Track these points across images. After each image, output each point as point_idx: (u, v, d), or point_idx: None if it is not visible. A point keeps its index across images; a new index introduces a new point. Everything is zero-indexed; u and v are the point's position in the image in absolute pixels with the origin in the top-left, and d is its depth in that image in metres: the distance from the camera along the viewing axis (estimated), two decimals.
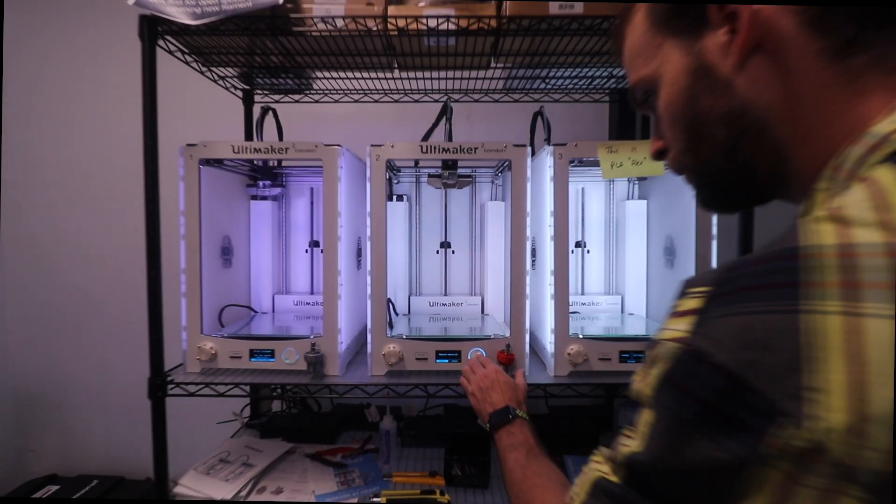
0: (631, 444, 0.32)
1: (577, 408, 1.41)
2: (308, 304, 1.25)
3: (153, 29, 0.88)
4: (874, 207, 0.25)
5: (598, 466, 0.35)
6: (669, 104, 0.37)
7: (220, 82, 1.21)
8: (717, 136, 0.35)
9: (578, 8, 0.87)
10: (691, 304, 0.28)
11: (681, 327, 0.28)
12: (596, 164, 0.92)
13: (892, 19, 0.29)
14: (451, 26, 0.88)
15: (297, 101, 1.35)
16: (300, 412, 1.40)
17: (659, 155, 0.40)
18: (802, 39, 0.31)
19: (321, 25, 0.89)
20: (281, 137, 1.24)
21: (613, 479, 0.33)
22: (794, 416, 0.23)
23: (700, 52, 0.35)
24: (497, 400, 0.73)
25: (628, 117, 1.43)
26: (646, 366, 0.30)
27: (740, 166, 0.36)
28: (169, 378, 0.91)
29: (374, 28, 0.90)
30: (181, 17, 0.83)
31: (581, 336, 0.92)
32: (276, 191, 1.21)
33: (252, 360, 0.93)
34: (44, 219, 1.67)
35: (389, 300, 1.06)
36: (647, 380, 0.30)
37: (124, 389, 1.70)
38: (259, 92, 1.34)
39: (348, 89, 1.28)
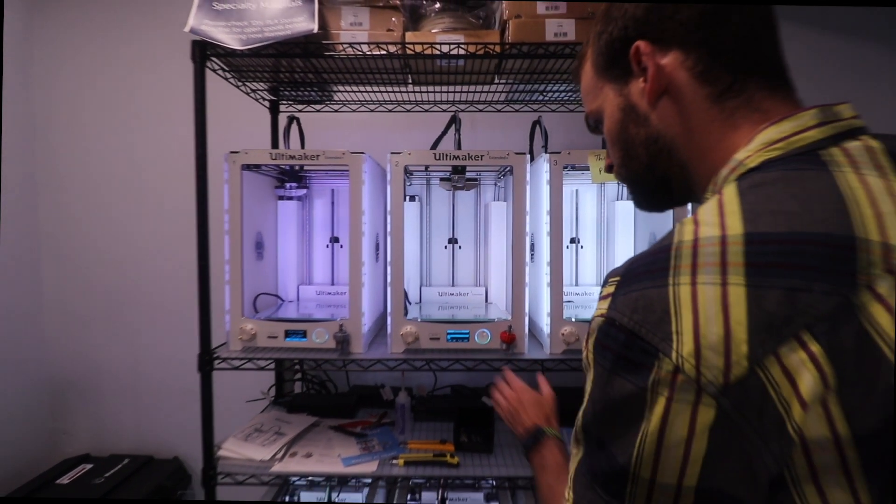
0: (581, 410, 0.41)
1: (573, 389, 1.54)
2: (329, 293, 1.39)
3: (203, 52, 1.02)
4: (717, 213, 0.36)
5: (573, 458, 0.42)
6: (609, 131, 0.50)
7: (251, 94, 1.35)
8: (641, 156, 0.48)
9: (571, 35, 1.01)
10: (609, 290, 0.39)
11: (603, 306, 0.38)
12: (587, 168, 1.06)
13: (759, 70, 0.42)
14: (461, 50, 1.02)
15: (318, 111, 1.48)
16: (320, 392, 1.54)
17: (609, 168, 0.54)
18: (693, 87, 0.43)
19: (348, 49, 1.03)
20: (303, 144, 1.38)
21: (579, 455, 0.41)
22: (667, 352, 0.33)
23: (627, 94, 0.47)
24: (525, 420, 0.76)
25: None
26: (586, 339, 0.40)
27: (658, 178, 0.48)
28: (216, 354, 1.05)
29: (394, 51, 1.04)
30: (231, 42, 0.97)
31: (574, 320, 1.06)
32: (301, 192, 1.35)
33: (287, 339, 1.07)
34: (80, 217, 1.80)
35: (405, 292, 1.20)
36: (586, 346, 0.40)
37: (152, 375, 1.83)
38: (284, 102, 1.48)
39: (365, 101, 1.42)
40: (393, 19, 1.04)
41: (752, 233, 0.33)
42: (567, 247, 1.38)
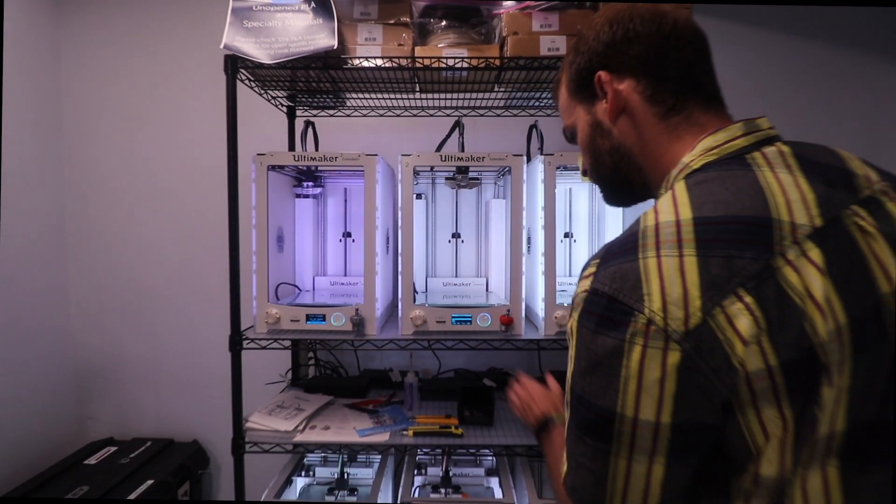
0: (568, 374, 0.49)
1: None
2: (342, 284, 1.51)
3: (234, 65, 1.14)
4: (671, 204, 0.46)
5: (567, 423, 0.51)
6: (581, 143, 0.63)
7: (271, 101, 1.47)
8: (607, 162, 0.60)
9: (562, 49, 1.13)
10: (590, 270, 0.48)
11: (586, 284, 0.47)
12: (578, 169, 1.18)
13: (696, 92, 0.54)
14: (465, 63, 1.15)
15: (331, 115, 1.61)
16: (333, 375, 1.66)
17: (584, 173, 0.66)
18: (644, 107, 0.55)
19: (363, 62, 1.16)
20: (317, 146, 1.50)
21: (569, 416, 0.49)
22: (640, 310, 0.42)
23: (594, 112, 0.59)
24: (536, 410, 0.82)
25: None
26: (570, 312, 0.49)
27: (622, 179, 0.60)
28: (244, 336, 1.17)
29: (404, 64, 1.16)
30: (261, 57, 1.09)
31: (566, 305, 1.18)
32: (317, 190, 1.48)
33: (308, 322, 1.19)
34: (103, 217, 1.91)
35: (412, 285, 1.32)
36: (571, 318, 0.49)
37: (173, 363, 1.95)
38: (300, 108, 1.60)
39: (375, 106, 1.54)
40: (403, 35, 1.17)
41: (699, 217, 0.44)
42: (561, 241, 1.50)
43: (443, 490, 1.28)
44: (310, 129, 1.43)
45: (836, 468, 0.40)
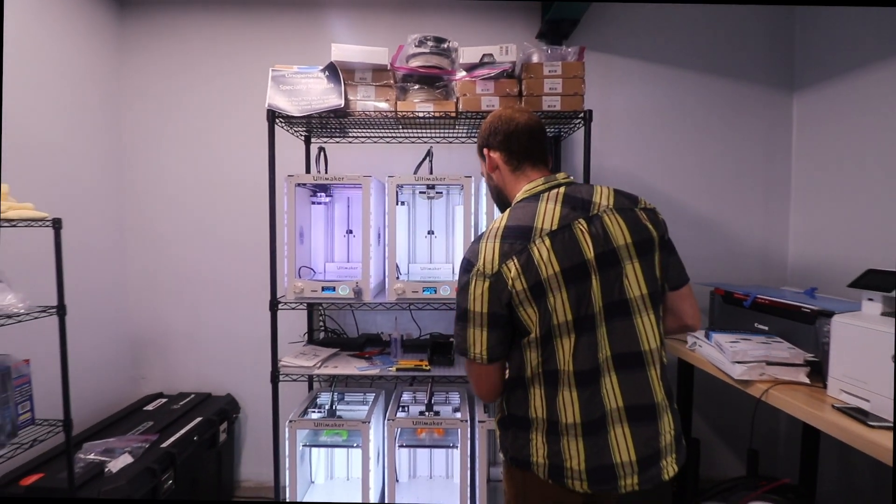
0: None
1: None
2: (346, 268, 2.04)
3: (273, 116, 1.66)
4: (503, 217, 1.02)
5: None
6: (486, 182, 1.18)
7: (293, 133, 2.00)
8: (492, 191, 1.16)
9: (497, 105, 1.67)
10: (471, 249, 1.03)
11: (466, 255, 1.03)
12: None
13: (529, 158, 1.07)
14: (431, 113, 1.68)
15: (337, 142, 2.14)
16: (338, 336, 2.20)
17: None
18: (503, 166, 1.09)
19: (360, 112, 1.68)
20: (327, 165, 2.03)
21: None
22: (475, 265, 0.97)
23: (486, 166, 1.13)
24: None
25: (563, 157, 2.23)
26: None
27: (498, 200, 1.15)
28: (280, 301, 1.70)
29: (389, 114, 1.69)
30: (292, 111, 1.63)
31: None
32: (328, 199, 2.00)
33: (323, 292, 1.72)
34: (155, 215, 2.44)
35: (396, 264, 1.85)
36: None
37: (209, 334, 2.47)
38: (315, 137, 2.13)
39: (370, 136, 2.07)
40: (389, 93, 1.69)
41: (507, 225, 1.00)
42: None
43: (426, 413, 1.82)
44: (321, 153, 1.96)
45: (572, 337, 0.95)
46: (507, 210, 1.03)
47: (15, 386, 1.40)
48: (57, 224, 1.47)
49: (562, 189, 1.03)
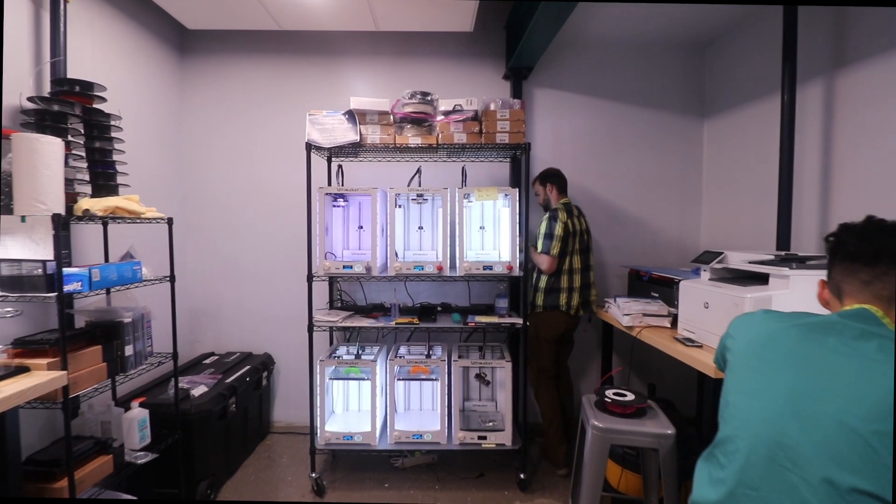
0: None
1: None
2: (358, 253, 2.77)
3: (310, 147, 2.39)
4: (561, 209, 1.80)
5: None
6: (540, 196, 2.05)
7: (319, 155, 2.73)
8: (544, 201, 2.11)
9: (466, 140, 2.40)
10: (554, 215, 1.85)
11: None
12: (485, 195, 2.44)
13: (562, 188, 1.95)
14: (420, 144, 2.40)
15: (351, 161, 2.87)
16: (352, 304, 2.94)
17: (540, 204, 2.00)
18: (553, 191, 2.10)
19: (370, 144, 2.41)
20: (343, 179, 2.76)
21: None
22: (560, 218, 1.79)
23: (543, 192, 2.10)
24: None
25: (517, 173, 2.96)
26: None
27: (546, 205, 1.98)
28: (314, 275, 2.43)
29: (390, 145, 2.42)
30: (324, 143, 2.36)
31: (469, 261, 2.45)
32: (345, 203, 2.74)
33: (343, 269, 2.45)
34: (210, 217, 3.17)
35: (395, 251, 2.58)
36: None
37: (250, 306, 3.22)
38: (335, 157, 2.86)
39: (376, 157, 2.81)
40: (389, 130, 2.42)
41: (564, 211, 1.77)
42: (478, 230, 2.77)
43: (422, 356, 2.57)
44: (339, 170, 2.69)
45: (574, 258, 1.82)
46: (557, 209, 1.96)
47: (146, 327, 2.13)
48: (170, 222, 2.20)
49: (567, 202, 1.91)
